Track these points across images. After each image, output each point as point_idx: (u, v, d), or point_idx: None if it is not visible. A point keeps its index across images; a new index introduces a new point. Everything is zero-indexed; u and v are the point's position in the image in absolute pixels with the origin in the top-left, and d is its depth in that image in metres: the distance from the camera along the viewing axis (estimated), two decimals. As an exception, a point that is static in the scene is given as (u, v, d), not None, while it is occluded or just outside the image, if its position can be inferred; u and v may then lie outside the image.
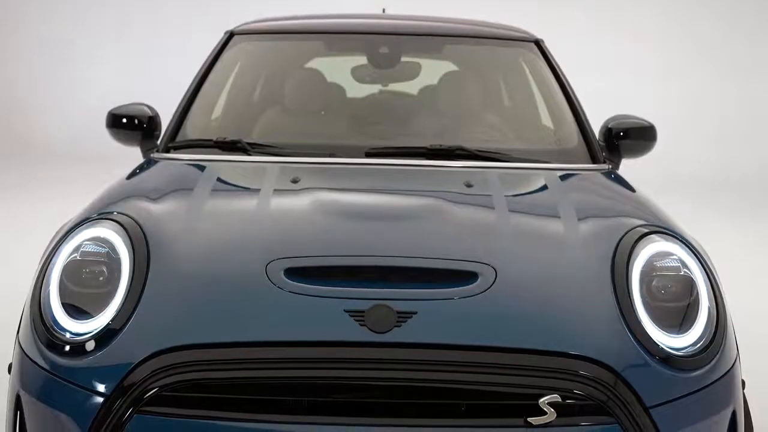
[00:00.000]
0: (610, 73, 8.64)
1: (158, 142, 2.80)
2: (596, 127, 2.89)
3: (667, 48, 9.06)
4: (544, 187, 2.41)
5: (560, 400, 1.66)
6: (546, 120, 3.03)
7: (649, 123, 2.83)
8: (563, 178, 2.50)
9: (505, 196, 2.25)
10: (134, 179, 2.47)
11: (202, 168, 2.46)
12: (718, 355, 1.83)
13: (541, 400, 1.66)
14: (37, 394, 1.80)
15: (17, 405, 1.84)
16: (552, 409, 1.66)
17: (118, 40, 9.53)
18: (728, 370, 1.85)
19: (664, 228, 2.07)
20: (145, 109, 2.85)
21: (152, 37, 9.39)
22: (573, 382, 1.68)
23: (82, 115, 8.55)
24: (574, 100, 2.92)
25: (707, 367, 1.81)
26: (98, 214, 2.06)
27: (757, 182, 8.01)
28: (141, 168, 2.59)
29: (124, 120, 2.81)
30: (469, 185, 2.31)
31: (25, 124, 9.36)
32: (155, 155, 2.68)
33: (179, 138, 2.76)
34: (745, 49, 9.08)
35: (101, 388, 1.71)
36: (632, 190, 2.49)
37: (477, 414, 1.68)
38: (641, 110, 3.20)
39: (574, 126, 2.84)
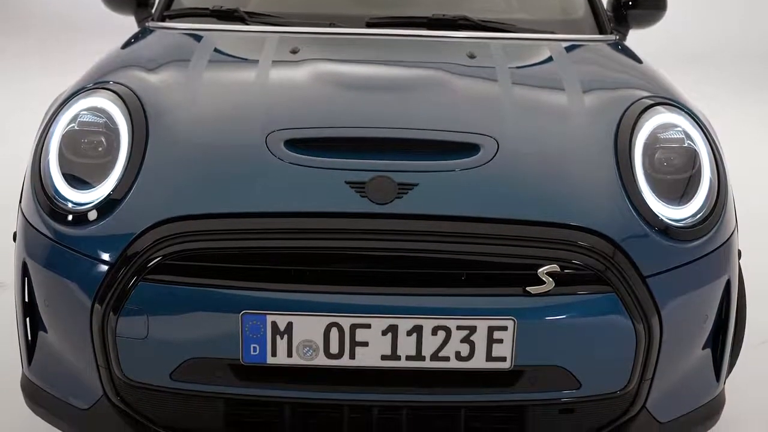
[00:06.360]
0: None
1: (153, 10, 2.73)
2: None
3: None
4: (549, 59, 2.36)
5: (559, 270, 1.68)
6: (553, -11, 2.94)
7: None
8: (569, 49, 2.45)
9: (509, 67, 2.21)
10: (129, 49, 2.42)
11: (198, 38, 2.41)
12: (716, 226, 1.84)
13: (540, 270, 1.68)
14: (42, 262, 1.82)
15: (24, 272, 1.87)
16: (550, 279, 1.68)
17: None
18: (725, 241, 1.86)
19: (669, 99, 2.04)
20: None
21: None
22: (572, 252, 1.69)
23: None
24: (583, -32, 2.82)
25: (705, 238, 1.82)
26: (94, 83, 2.03)
27: (763, 56, 7.88)
28: (136, 37, 2.53)
29: None
30: (472, 56, 2.27)
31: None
32: (150, 24, 2.61)
33: (174, 6, 2.69)
34: None
35: (105, 256, 1.73)
36: (639, 61, 2.44)
37: (477, 283, 1.70)
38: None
39: (581, -6, 2.76)
